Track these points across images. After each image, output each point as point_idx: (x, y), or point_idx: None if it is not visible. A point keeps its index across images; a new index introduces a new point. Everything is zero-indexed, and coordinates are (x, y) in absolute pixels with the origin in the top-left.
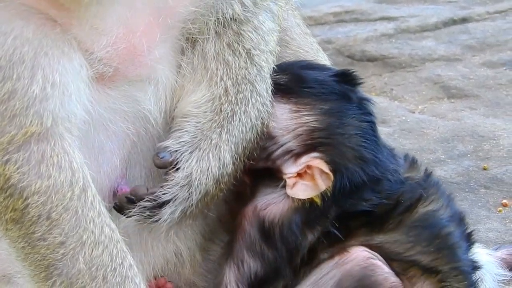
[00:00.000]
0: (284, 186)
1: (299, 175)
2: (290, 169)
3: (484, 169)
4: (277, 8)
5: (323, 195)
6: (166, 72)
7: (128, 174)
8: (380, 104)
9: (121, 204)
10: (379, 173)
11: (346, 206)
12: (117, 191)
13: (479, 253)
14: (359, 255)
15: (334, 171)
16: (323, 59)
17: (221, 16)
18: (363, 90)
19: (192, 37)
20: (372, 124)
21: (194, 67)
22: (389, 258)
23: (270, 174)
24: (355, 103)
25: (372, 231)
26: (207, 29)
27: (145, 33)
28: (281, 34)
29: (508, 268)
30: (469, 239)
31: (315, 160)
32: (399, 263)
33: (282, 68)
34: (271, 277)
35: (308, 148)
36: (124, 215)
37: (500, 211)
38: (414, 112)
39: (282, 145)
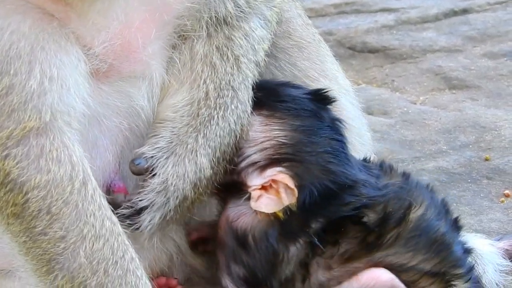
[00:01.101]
0: (249, 199)
1: (264, 188)
2: (254, 181)
3: (486, 159)
4: (270, 13)
5: (286, 210)
6: (159, 68)
7: (121, 170)
8: (381, 96)
9: None
10: (350, 182)
11: (327, 215)
12: (111, 186)
13: (482, 243)
14: (381, 277)
15: (299, 186)
16: (325, 50)
17: (214, 14)
18: (364, 81)
19: (184, 34)
20: (342, 144)
21: (181, 65)
22: (396, 271)
23: (236, 188)
24: (327, 123)
25: (372, 250)
26: (200, 26)
27: (141, 29)
28: (283, 26)
29: (510, 258)
30: (457, 226)
31: (280, 175)
32: (406, 275)
33: (258, 85)
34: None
35: (273, 162)
36: None
37: (502, 201)
38: (415, 103)
39: (247, 157)
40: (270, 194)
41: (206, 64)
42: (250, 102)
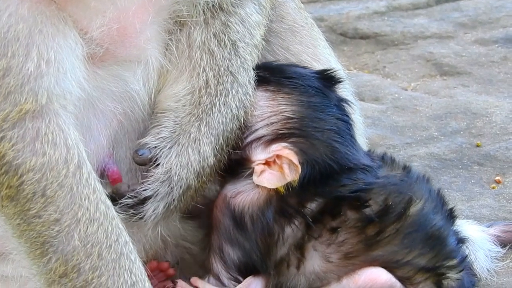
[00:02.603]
0: (251, 175)
1: (267, 163)
2: (259, 156)
3: (477, 146)
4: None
5: (288, 185)
6: (155, 53)
7: (115, 154)
8: (372, 82)
9: None
10: (352, 164)
11: (323, 194)
12: (105, 170)
13: (473, 229)
14: (380, 278)
15: (302, 163)
16: (318, 34)
17: (210, 0)
18: (356, 67)
19: (181, 20)
20: (349, 125)
21: (179, 53)
22: (391, 267)
23: (239, 165)
24: (334, 102)
25: (371, 246)
26: (196, 12)
27: (137, 14)
28: (276, 9)
29: (501, 244)
30: (452, 216)
31: (285, 150)
32: (402, 271)
33: (263, 65)
34: (256, 267)
35: (279, 137)
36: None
37: (493, 187)
38: (406, 90)
39: (254, 131)
40: (273, 170)
41: (204, 51)
42: (251, 83)
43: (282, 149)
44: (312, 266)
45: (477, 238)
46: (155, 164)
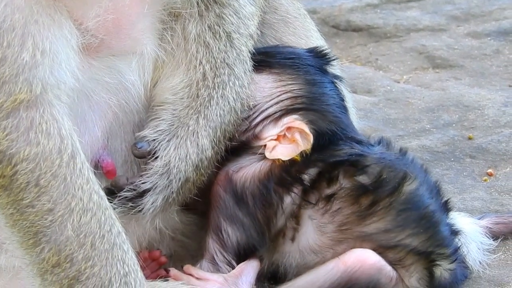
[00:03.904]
0: (254, 154)
1: (278, 138)
2: (270, 132)
3: (469, 138)
4: None
5: (302, 153)
6: (151, 45)
7: (109, 146)
8: (365, 74)
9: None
10: (352, 134)
11: (323, 159)
12: (99, 162)
13: (465, 222)
14: (368, 259)
15: (314, 130)
16: (310, 25)
17: None
18: (348, 60)
19: (175, 12)
20: (344, 101)
21: (174, 45)
22: (383, 247)
23: (246, 145)
24: (329, 79)
25: (365, 218)
26: (190, 3)
27: (133, 5)
28: (270, 0)
29: (492, 236)
30: (446, 208)
31: (296, 122)
32: (393, 251)
33: (259, 51)
34: (254, 244)
35: (289, 111)
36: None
37: (485, 180)
38: (399, 82)
39: (264, 111)
40: (285, 143)
41: (200, 44)
42: (247, 74)
43: (293, 121)
44: (307, 239)
45: (469, 230)
46: (154, 157)
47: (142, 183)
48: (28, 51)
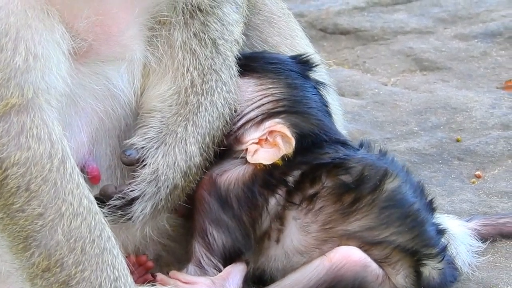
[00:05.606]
0: (237, 158)
1: (260, 142)
2: (252, 136)
3: (457, 140)
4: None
5: (284, 157)
6: (138, 52)
7: (94, 151)
8: (352, 77)
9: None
10: (335, 137)
11: (307, 161)
12: (84, 167)
13: (453, 224)
14: (353, 256)
15: (296, 134)
16: (295, 24)
17: (189, 2)
18: (336, 63)
19: (161, 20)
20: (327, 106)
21: (162, 52)
22: (368, 244)
23: (229, 149)
24: (312, 84)
25: (348, 215)
26: (176, 13)
27: (121, 11)
28: (253, 0)
29: (481, 238)
30: (431, 207)
31: (278, 125)
32: (379, 248)
33: (243, 56)
34: (240, 247)
35: (271, 115)
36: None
37: (473, 182)
38: (386, 85)
39: (245, 115)
40: (267, 147)
41: (186, 51)
42: (233, 79)
43: (275, 124)
44: (291, 240)
45: (458, 233)
46: (142, 165)
47: (131, 191)
48: (21, 55)
